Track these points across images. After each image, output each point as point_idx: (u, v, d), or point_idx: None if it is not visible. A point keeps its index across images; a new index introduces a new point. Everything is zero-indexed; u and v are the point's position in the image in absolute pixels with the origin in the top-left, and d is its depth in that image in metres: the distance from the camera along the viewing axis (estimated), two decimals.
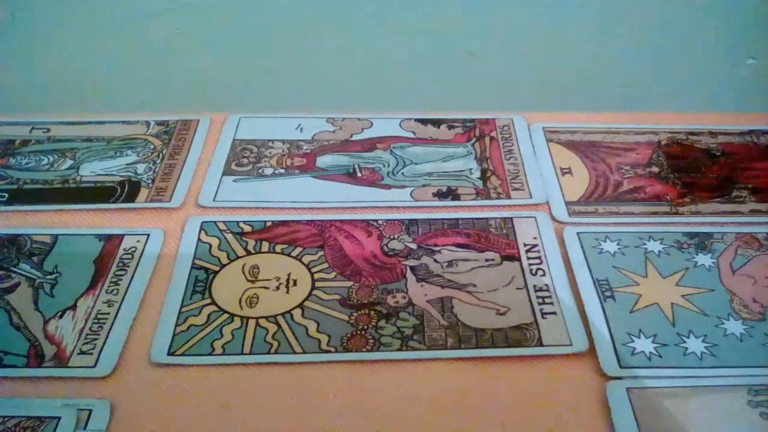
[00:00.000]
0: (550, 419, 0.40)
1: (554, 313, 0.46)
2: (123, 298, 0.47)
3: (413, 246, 0.51)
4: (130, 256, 0.50)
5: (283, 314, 0.46)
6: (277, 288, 0.48)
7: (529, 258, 0.50)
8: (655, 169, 0.58)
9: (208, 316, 0.46)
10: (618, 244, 0.51)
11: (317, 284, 0.48)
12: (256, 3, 0.95)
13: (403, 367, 0.43)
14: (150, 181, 0.56)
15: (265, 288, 0.48)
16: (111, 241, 0.51)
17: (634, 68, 0.94)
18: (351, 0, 0.94)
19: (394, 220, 0.53)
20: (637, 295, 0.47)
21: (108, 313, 0.46)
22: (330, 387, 0.42)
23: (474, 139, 0.61)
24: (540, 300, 0.47)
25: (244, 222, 0.53)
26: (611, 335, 0.44)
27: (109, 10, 0.95)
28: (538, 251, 0.51)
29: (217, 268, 0.49)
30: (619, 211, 0.54)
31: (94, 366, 0.43)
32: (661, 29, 0.94)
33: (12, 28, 0.95)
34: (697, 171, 0.58)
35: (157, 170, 0.58)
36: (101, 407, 0.40)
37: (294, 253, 0.50)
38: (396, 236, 0.52)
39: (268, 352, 0.44)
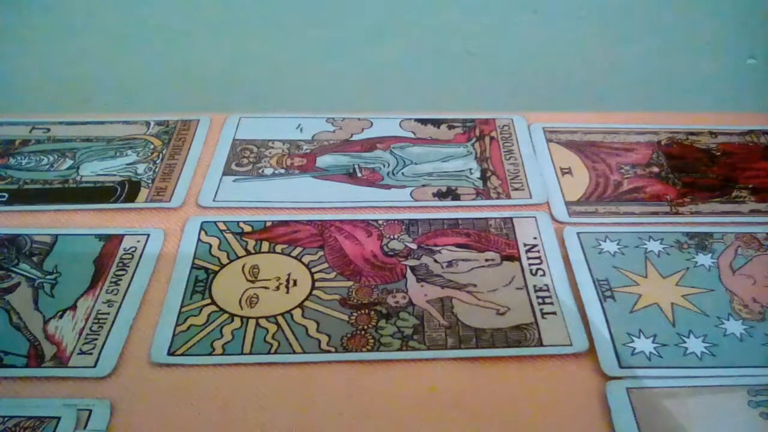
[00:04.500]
0: (550, 419, 0.40)
1: (554, 313, 0.46)
2: (123, 298, 0.47)
3: (413, 246, 0.51)
4: (130, 256, 0.50)
5: (283, 314, 0.46)
6: (277, 288, 0.48)
7: (529, 258, 0.50)
8: (655, 169, 0.58)
9: (208, 316, 0.46)
10: (618, 244, 0.51)
11: (317, 284, 0.48)
12: (256, 3, 0.95)
13: (403, 367, 0.43)
14: (150, 181, 0.56)
15: (265, 288, 0.48)
16: (111, 241, 0.51)
17: (634, 68, 0.94)
18: (351, 0, 0.94)
19: (394, 220, 0.53)
20: (637, 295, 0.47)
21: (108, 313, 0.46)
22: (330, 387, 0.42)
23: (474, 139, 0.61)
24: (540, 300, 0.47)
25: (244, 222, 0.53)
26: (611, 335, 0.44)
27: (108, 11, 0.95)
28: (538, 251, 0.51)
29: (217, 268, 0.49)
30: (619, 211, 0.54)
31: (94, 366, 0.43)
32: (661, 29, 0.94)
33: (12, 28, 0.95)
34: (697, 171, 0.58)
35: (157, 170, 0.58)
36: (101, 407, 0.40)
37: (294, 253, 0.50)
38: (396, 236, 0.52)
39: (268, 352, 0.44)
